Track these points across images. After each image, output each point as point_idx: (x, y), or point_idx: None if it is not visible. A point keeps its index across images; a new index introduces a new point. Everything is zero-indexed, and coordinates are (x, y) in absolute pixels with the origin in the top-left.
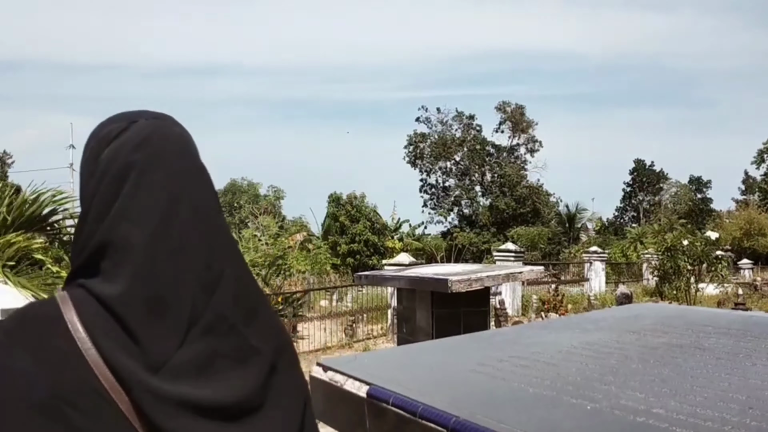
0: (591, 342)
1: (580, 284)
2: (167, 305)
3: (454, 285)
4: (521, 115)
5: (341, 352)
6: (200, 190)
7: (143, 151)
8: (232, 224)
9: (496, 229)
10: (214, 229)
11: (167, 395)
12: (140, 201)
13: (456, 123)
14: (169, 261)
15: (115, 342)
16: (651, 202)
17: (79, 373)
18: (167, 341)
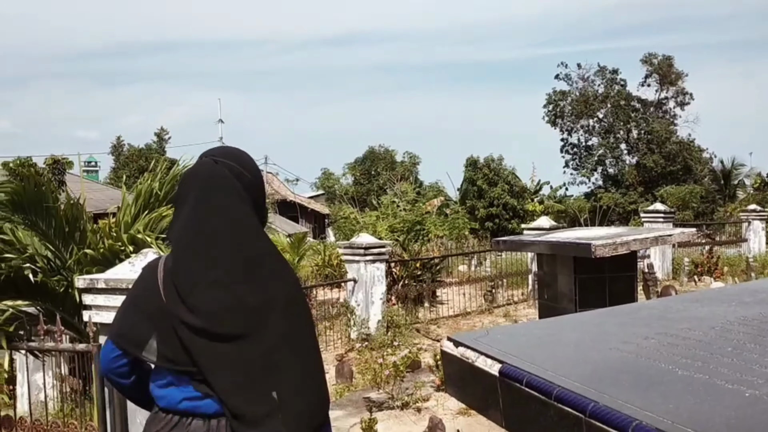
0: (749, 317)
1: (737, 245)
2: (190, 272)
3: (597, 249)
4: (669, 66)
5: (481, 318)
6: (218, 200)
7: (190, 180)
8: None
9: (643, 189)
10: (232, 225)
11: (186, 321)
12: (180, 210)
13: (598, 78)
14: (190, 250)
15: (170, 289)
16: None
17: (155, 294)
18: (191, 289)
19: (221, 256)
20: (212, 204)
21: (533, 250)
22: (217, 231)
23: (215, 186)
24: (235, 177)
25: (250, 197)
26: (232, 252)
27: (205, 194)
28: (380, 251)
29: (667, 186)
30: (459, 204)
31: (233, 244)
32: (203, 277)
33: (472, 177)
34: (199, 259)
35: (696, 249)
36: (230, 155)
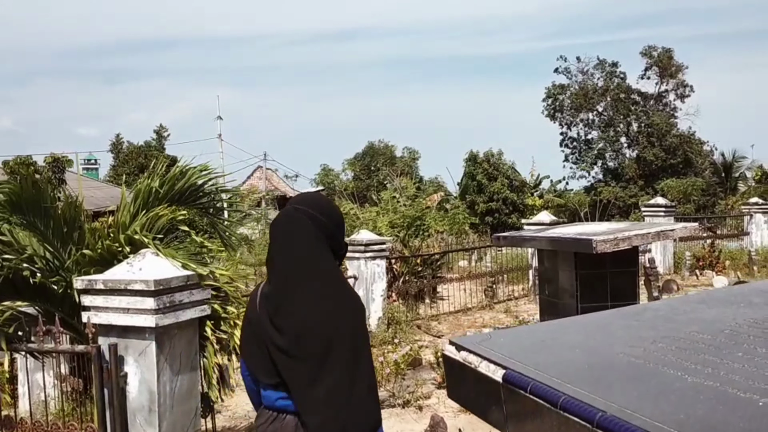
0: (760, 319)
1: (739, 238)
2: (277, 296)
3: (598, 245)
4: (669, 59)
5: (482, 313)
6: (295, 239)
7: (275, 224)
8: (370, 186)
9: (643, 182)
10: (301, 259)
11: (275, 342)
12: (271, 247)
13: (598, 72)
14: (281, 280)
15: (265, 311)
16: None
17: (255, 315)
18: (277, 315)
19: (299, 290)
20: (290, 245)
21: (534, 245)
22: (293, 268)
23: (293, 230)
24: (310, 220)
25: (324, 236)
26: (304, 288)
27: (286, 237)
28: (380, 248)
29: (667, 179)
30: (459, 199)
31: (305, 279)
32: (285, 306)
33: (472, 172)
34: (282, 289)
35: (697, 243)
36: (307, 201)
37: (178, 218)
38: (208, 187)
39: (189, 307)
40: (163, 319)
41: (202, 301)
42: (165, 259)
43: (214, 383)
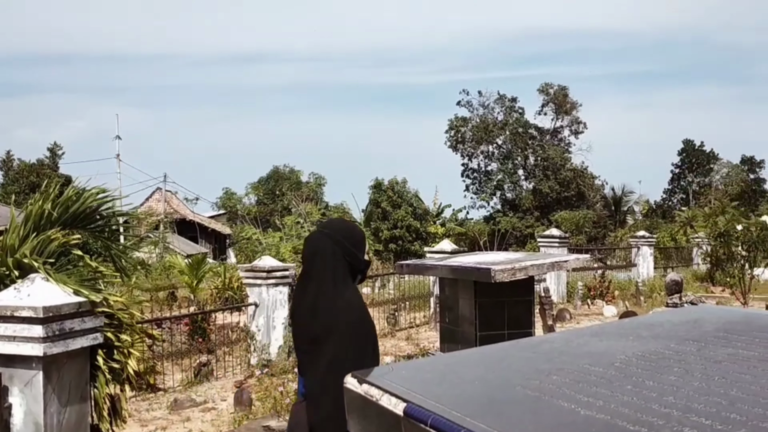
0: (647, 352)
1: (627, 270)
2: (295, 302)
3: (497, 274)
4: (564, 96)
5: (383, 341)
6: (317, 253)
7: (305, 245)
8: (274, 211)
9: (539, 213)
10: (319, 269)
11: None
12: (303, 265)
13: (498, 106)
14: (298, 292)
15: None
16: (701, 183)
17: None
18: (298, 315)
19: (309, 298)
20: (314, 263)
21: (435, 274)
22: (313, 285)
23: (317, 251)
24: (333, 242)
25: (343, 255)
26: (305, 300)
27: (312, 257)
28: (283, 274)
29: (561, 211)
30: (364, 226)
31: (309, 297)
32: (299, 309)
33: (377, 199)
34: (300, 297)
35: (589, 273)
36: (332, 226)
37: (71, 242)
38: (104, 210)
39: (80, 335)
40: (51, 348)
41: (95, 329)
42: (55, 285)
43: (105, 415)
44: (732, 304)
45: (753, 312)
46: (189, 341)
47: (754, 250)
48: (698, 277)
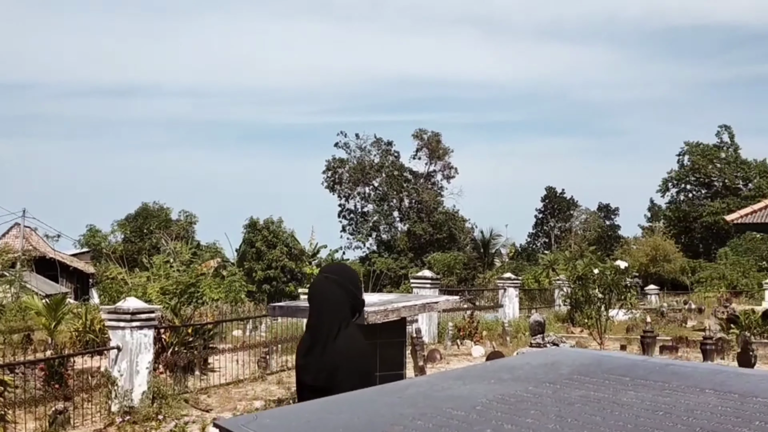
0: (507, 395)
1: (494, 310)
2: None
3: (370, 316)
4: (437, 142)
5: (254, 385)
6: (325, 297)
7: (311, 289)
8: (142, 250)
9: (413, 255)
10: (327, 311)
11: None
12: (309, 306)
13: (374, 149)
14: (308, 333)
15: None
16: (562, 228)
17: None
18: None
19: (311, 344)
20: (321, 305)
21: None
22: (324, 327)
23: (323, 294)
24: (337, 286)
25: (347, 296)
26: (317, 341)
27: (317, 300)
28: (149, 317)
29: (434, 252)
30: (237, 266)
31: (321, 337)
32: (305, 349)
33: (252, 238)
34: (312, 339)
35: (459, 314)
36: (336, 271)
37: None
38: None
39: None
40: None
41: None
42: None
43: None
44: (590, 344)
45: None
46: (44, 387)
47: (609, 292)
48: (560, 317)
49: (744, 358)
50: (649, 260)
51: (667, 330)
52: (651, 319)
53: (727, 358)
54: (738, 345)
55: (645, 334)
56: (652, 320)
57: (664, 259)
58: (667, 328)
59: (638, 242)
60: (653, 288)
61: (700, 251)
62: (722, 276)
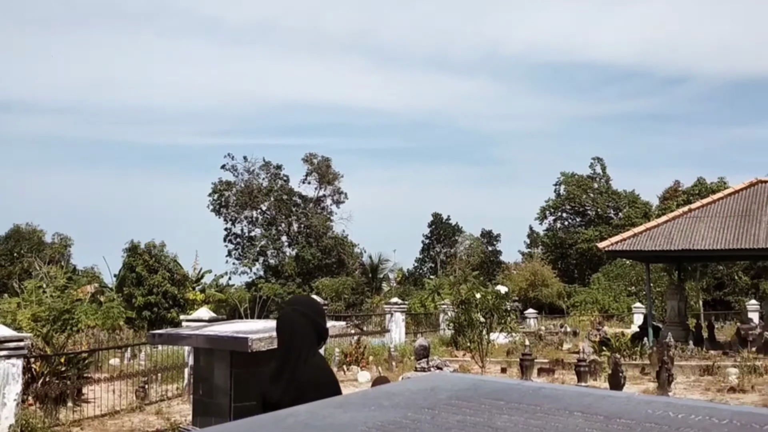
0: (386, 422)
1: (382, 335)
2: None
3: (254, 343)
4: (327, 167)
5: (131, 416)
6: (294, 328)
7: (280, 320)
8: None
9: (301, 280)
10: (295, 340)
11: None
12: (278, 336)
13: (263, 172)
14: (276, 361)
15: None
16: (447, 253)
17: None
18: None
19: (278, 371)
20: (291, 335)
21: (190, 343)
22: (292, 356)
23: (291, 325)
24: (304, 317)
25: (313, 326)
26: (283, 369)
27: (287, 331)
28: (17, 345)
29: (323, 278)
30: (115, 291)
31: (289, 365)
32: (274, 374)
33: (132, 263)
34: (279, 367)
35: (346, 339)
36: (302, 303)
37: None
38: None
39: None
40: None
41: None
42: None
43: None
44: (472, 367)
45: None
46: None
47: (490, 316)
48: (444, 341)
49: (614, 380)
50: (529, 285)
51: (544, 352)
52: (529, 342)
53: (599, 379)
54: (609, 367)
55: (524, 357)
56: (531, 343)
57: (542, 284)
58: (544, 351)
59: (518, 267)
60: (532, 312)
61: (575, 276)
62: (595, 300)
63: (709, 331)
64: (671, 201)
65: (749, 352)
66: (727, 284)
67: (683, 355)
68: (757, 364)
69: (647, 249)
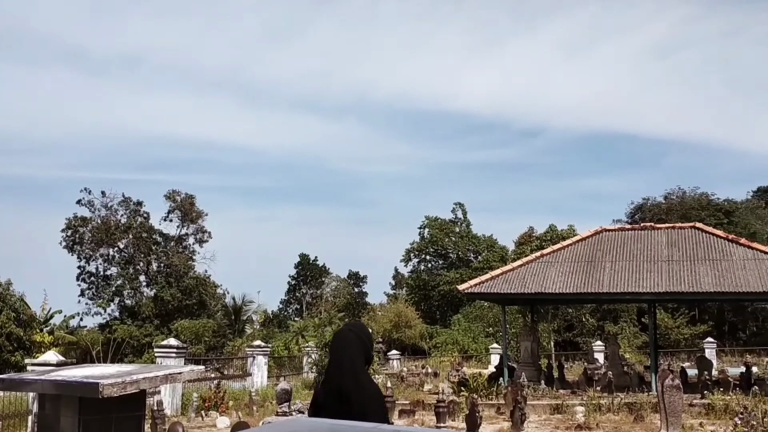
0: None
1: (243, 379)
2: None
3: (105, 389)
4: (191, 204)
5: None
6: (348, 343)
7: (336, 337)
8: None
9: (159, 322)
10: (347, 354)
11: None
12: (331, 351)
13: (122, 208)
14: (330, 376)
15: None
16: (314, 295)
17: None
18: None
19: (335, 385)
20: (342, 351)
21: (35, 389)
22: (339, 368)
23: (345, 343)
24: (356, 337)
25: (363, 348)
26: (340, 384)
27: (340, 348)
28: None
29: (182, 319)
30: None
31: (345, 372)
32: (327, 393)
33: None
34: (326, 384)
35: (206, 383)
36: (356, 327)
37: None
38: None
39: None
40: None
41: None
42: None
43: None
44: None
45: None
46: None
47: None
48: (307, 384)
49: (471, 420)
50: (393, 326)
51: (406, 394)
52: (392, 384)
53: (457, 419)
54: (467, 407)
55: (385, 399)
56: (393, 385)
57: (406, 325)
58: (406, 392)
59: (384, 308)
60: (395, 353)
61: (437, 318)
62: (456, 341)
63: (559, 370)
64: (526, 246)
65: (594, 391)
66: (576, 326)
67: (535, 394)
68: (602, 402)
69: (503, 291)
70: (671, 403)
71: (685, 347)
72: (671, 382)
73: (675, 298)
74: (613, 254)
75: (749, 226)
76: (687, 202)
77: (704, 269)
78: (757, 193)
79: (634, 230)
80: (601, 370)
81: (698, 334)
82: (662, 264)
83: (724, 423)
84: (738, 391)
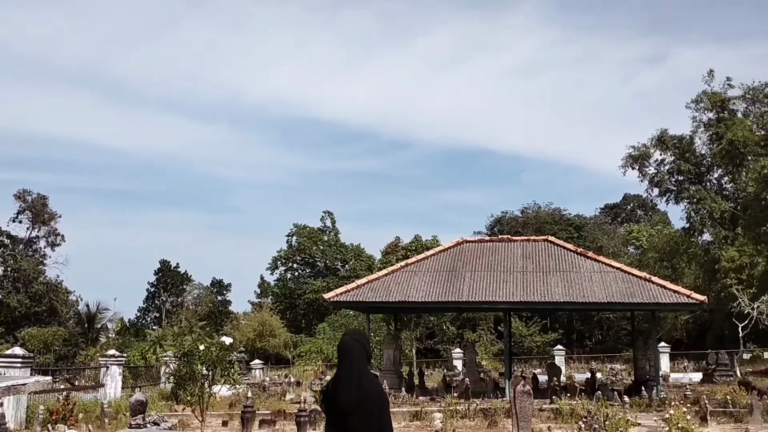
0: None
1: (95, 390)
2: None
3: None
4: (43, 205)
5: None
6: (353, 349)
7: (341, 345)
8: None
9: (5, 330)
10: (355, 358)
11: (334, 405)
12: (339, 357)
13: None
14: (342, 373)
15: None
16: (174, 303)
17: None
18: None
19: (347, 381)
20: (350, 357)
21: None
22: (349, 369)
23: (351, 350)
24: (359, 344)
25: (366, 353)
26: (351, 379)
27: (348, 351)
28: None
29: (30, 327)
30: None
31: (354, 376)
32: (340, 387)
33: None
34: (340, 379)
35: (54, 395)
36: (356, 334)
37: None
38: None
39: None
40: None
41: None
42: None
43: None
44: (192, 421)
45: None
46: None
47: (213, 368)
48: (164, 395)
49: None
50: (257, 335)
51: (267, 404)
52: (253, 394)
53: (318, 428)
54: None
55: (245, 410)
56: (255, 394)
57: (270, 335)
58: (267, 402)
59: (248, 317)
60: (258, 363)
61: (302, 326)
62: (320, 350)
63: (420, 378)
64: (392, 255)
65: (452, 397)
66: (437, 334)
67: (396, 401)
68: (459, 408)
69: (368, 300)
70: (522, 408)
71: (537, 354)
72: (522, 388)
73: (528, 307)
74: (473, 265)
75: (597, 240)
76: (542, 217)
77: (555, 280)
78: (604, 209)
79: (492, 242)
80: (459, 377)
81: (549, 342)
82: (517, 275)
83: (570, 427)
84: (583, 396)
